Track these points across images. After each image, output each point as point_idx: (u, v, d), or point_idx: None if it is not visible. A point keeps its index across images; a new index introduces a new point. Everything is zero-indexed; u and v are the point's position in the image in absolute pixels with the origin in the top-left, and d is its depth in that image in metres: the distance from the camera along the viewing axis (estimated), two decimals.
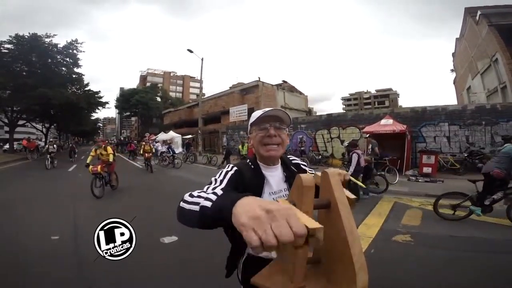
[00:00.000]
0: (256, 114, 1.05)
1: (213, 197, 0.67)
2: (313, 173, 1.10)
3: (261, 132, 1.02)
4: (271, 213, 0.42)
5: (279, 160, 1.10)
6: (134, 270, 2.56)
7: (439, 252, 3.12)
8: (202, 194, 0.73)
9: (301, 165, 1.18)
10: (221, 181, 0.94)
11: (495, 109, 9.27)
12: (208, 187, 0.89)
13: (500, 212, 4.71)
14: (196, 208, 0.68)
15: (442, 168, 9.25)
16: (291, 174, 1.08)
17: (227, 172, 1.00)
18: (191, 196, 0.75)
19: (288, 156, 1.20)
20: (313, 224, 0.44)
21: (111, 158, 6.55)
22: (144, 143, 12.58)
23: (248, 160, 1.10)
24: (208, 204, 0.65)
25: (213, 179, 0.96)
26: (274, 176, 1.06)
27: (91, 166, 6.05)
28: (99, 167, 6.06)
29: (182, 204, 0.75)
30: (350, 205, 0.60)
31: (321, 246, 0.66)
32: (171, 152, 13.62)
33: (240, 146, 12.22)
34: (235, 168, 1.03)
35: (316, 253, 0.70)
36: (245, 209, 0.46)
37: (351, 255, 0.52)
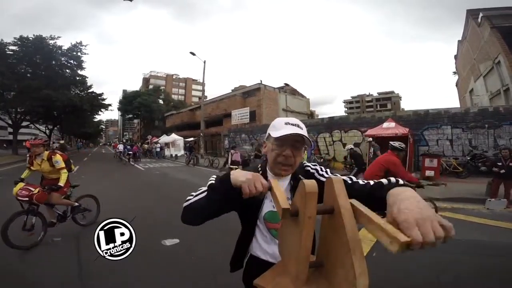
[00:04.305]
0: (278, 126, 1.00)
1: (213, 179, 0.94)
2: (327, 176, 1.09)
3: (278, 149, 0.98)
4: (251, 175, 0.83)
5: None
6: (136, 272, 2.56)
7: (441, 255, 3.10)
8: (203, 187, 0.94)
9: (310, 170, 1.08)
10: None
11: (498, 112, 9.21)
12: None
13: (503, 215, 4.68)
14: (204, 194, 0.91)
15: (445, 171, 9.20)
16: (297, 183, 1.03)
17: None
18: (192, 194, 0.95)
19: (303, 162, 1.12)
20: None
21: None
22: (35, 150, 3.58)
23: (259, 165, 1.11)
24: (212, 181, 0.93)
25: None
26: (280, 184, 1.02)
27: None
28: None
29: (187, 202, 0.94)
30: (354, 212, 0.60)
31: (324, 251, 0.67)
32: (126, 151, 15.88)
33: None
34: None
35: (318, 257, 0.70)
36: (239, 174, 0.85)
37: (352, 260, 0.52)
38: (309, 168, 1.12)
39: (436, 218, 0.51)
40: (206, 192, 0.91)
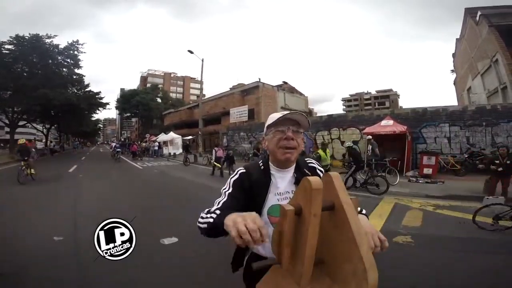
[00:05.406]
0: (275, 115, 1.03)
1: (215, 216, 0.90)
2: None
3: (278, 134, 1.01)
4: (243, 217, 0.68)
5: (294, 163, 1.08)
6: (134, 271, 2.55)
7: (439, 253, 3.12)
8: (209, 216, 0.93)
9: (317, 170, 1.14)
10: (225, 193, 1.03)
11: (496, 110, 9.26)
12: (216, 201, 1.01)
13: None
14: (205, 225, 0.91)
15: (443, 169, 9.23)
16: (302, 176, 1.06)
17: (230, 179, 1.07)
18: (202, 218, 0.94)
19: (306, 159, 1.18)
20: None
21: None
22: None
23: (260, 160, 1.11)
24: (211, 220, 0.90)
25: (221, 191, 1.05)
26: (284, 177, 1.05)
27: None
28: None
29: (198, 223, 0.96)
30: (354, 206, 0.60)
31: (324, 248, 0.66)
32: (116, 149, 18.57)
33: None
34: (240, 171, 1.08)
35: (318, 254, 0.70)
36: (231, 218, 0.71)
37: (361, 254, 0.52)
38: (314, 166, 1.16)
39: (376, 233, 0.78)
40: (206, 225, 0.90)
